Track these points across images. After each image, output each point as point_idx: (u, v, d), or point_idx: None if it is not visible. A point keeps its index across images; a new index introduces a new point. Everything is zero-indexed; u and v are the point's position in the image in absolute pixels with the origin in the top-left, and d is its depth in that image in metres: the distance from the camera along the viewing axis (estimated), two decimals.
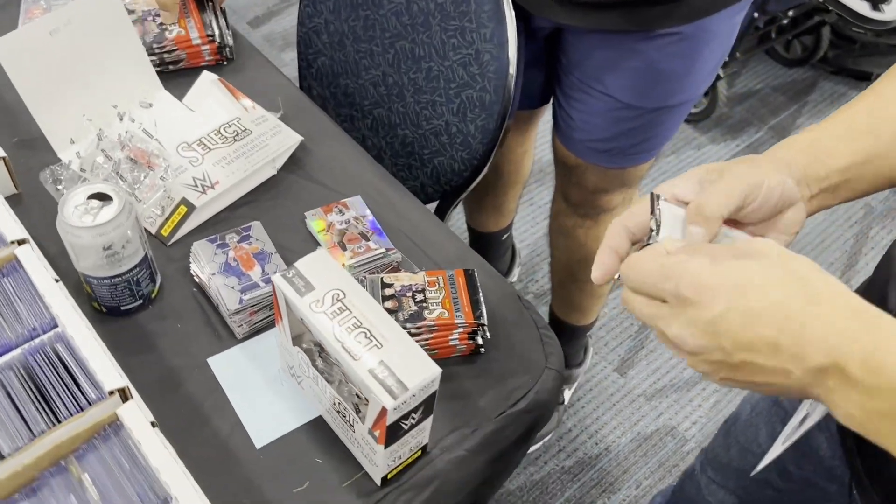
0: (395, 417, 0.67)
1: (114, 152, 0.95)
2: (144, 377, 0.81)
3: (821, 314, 0.47)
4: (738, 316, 0.47)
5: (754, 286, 0.48)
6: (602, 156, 1.24)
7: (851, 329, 0.46)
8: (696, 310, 0.49)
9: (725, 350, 0.48)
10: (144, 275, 0.84)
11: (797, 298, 0.47)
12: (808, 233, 2.13)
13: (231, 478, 0.76)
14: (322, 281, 0.72)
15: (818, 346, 0.46)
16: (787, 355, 0.47)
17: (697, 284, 0.49)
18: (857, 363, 0.45)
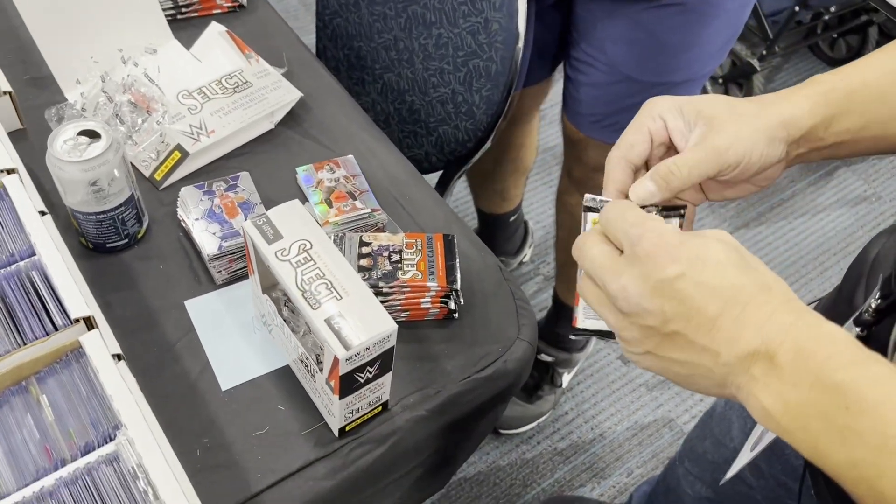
0: (348, 368, 0.67)
1: (116, 95, 0.97)
2: (122, 313, 0.84)
3: (766, 303, 0.46)
4: (690, 284, 0.47)
5: (714, 262, 0.47)
6: (604, 131, 1.24)
7: (790, 322, 0.45)
8: (651, 266, 0.48)
9: (664, 316, 0.47)
10: (130, 214, 0.86)
11: (749, 284, 0.47)
12: (832, 236, 2.08)
13: (194, 416, 0.78)
14: (291, 230, 0.73)
15: (754, 331, 0.45)
16: (722, 337, 0.46)
17: (663, 242, 0.48)
18: (788, 352, 0.44)
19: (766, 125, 0.55)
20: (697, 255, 0.47)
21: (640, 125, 0.57)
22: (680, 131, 0.57)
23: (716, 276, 0.47)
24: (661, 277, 0.47)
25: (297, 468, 0.75)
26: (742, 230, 2.08)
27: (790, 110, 0.57)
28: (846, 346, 0.43)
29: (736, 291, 0.46)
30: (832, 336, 0.44)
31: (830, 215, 2.14)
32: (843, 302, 0.69)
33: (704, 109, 0.56)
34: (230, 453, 0.75)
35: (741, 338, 0.46)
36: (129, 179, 0.84)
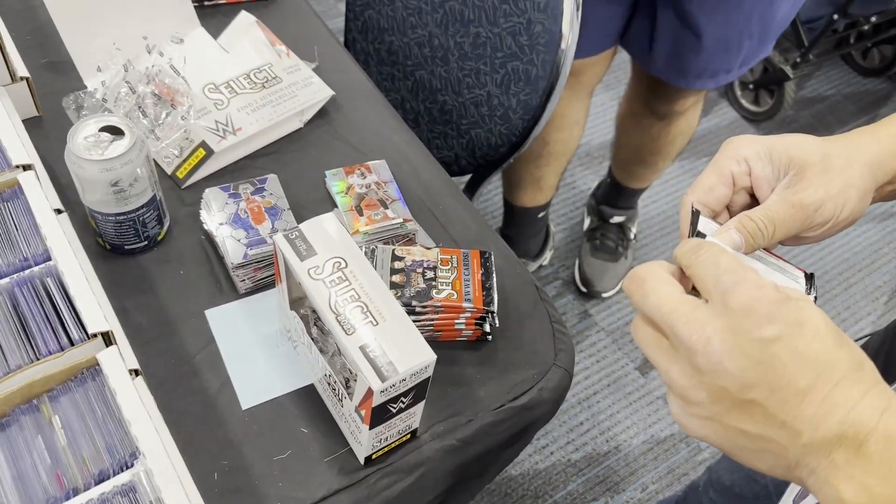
0: (381, 400, 0.63)
1: (139, 85, 0.92)
2: (139, 320, 0.79)
3: (860, 381, 0.41)
4: (785, 351, 0.41)
5: (814, 327, 0.41)
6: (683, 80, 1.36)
7: (882, 406, 0.40)
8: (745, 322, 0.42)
9: (746, 380, 0.42)
10: (152, 216, 0.81)
11: (844, 360, 0.41)
12: (858, 251, 2.03)
13: (213, 435, 0.73)
14: (325, 246, 0.68)
15: (844, 412, 0.40)
16: (807, 414, 0.41)
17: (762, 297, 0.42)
18: (879, 441, 0.39)
19: (861, 182, 0.51)
20: (797, 318, 0.42)
21: (723, 168, 0.53)
22: (766, 179, 0.52)
23: (813, 346, 0.41)
24: (754, 337, 0.41)
25: (319, 498, 0.70)
26: None
27: (876, 151, 0.52)
28: None
29: (831, 366, 0.41)
30: None
31: (857, 230, 2.08)
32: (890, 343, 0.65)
33: (796, 156, 0.51)
34: (249, 477, 0.71)
35: (829, 418, 0.40)
36: (151, 180, 0.79)
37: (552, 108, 1.09)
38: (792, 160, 0.51)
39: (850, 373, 0.41)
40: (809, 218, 0.50)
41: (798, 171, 0.50)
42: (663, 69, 1.37)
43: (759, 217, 0.50)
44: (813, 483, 0.42)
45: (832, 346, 0.41)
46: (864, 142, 0.52)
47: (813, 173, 0.50)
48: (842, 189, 0.50)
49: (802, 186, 0.50)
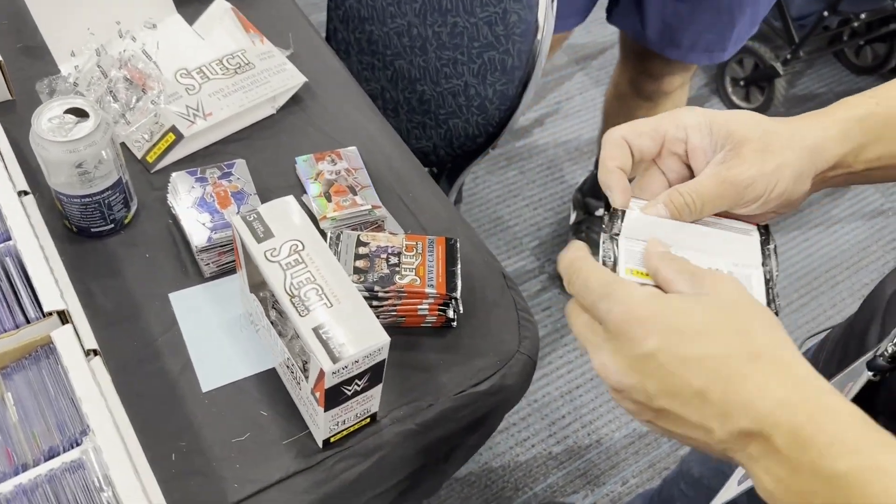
0: (334, 382, 0.63)
1: (111, 70, 0.92)
2: (103, 302, 0.80)
3: (755, 374, 0.41)
4: (667, 358, 0.42)
5: (693, 331, 0.42)
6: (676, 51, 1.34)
7: (784, 397, 0.40)
8: (626, 342, 0.43)
9: (648, 393, 0.43)
10: (118, 199, 0.81)
11: (734, 353, 0.42)
12: (846, 249, 2.03)
13: (172, 417, 0.74)
14: (283, 229, 0.68)
15: (746, 408, 0.40)
16: (712, 412, 0.41)
17: (630, 317, 0.43)
18: (785, 434, 0.39)
19: (797, 162, 0.51)
20: (673, 324, 0.42)
21: (659, 125, 0.52)
22: (703, 150, 0.52)
23: (695, 347, 0.42)
24: (635, 354, 0.43)
25: (276, 480, 0.71)
26: None
27: (820, 136, 0.52)
28: (850, 427, 0.39)
29: (718, 363, 0.41)
30: (834, 412, 0.39)
31: (845, 228, 2.08)
32: (855, 338, 0.65)
33: (735, 131, 0.51)
34: (207, 459, 0.71)
35: (731, 415, 0.41)
36: (117, 162, 0.79)
37: (528, 98, 1.09)
38: (730, 134, 0.50)
39: (742, 367, 0.41)
40: (740, 194, 0.50)
41: (734, 146, 0.50)
42: (656, 40, 1.35)
43: (688, 192, 0.50)
44: (748, 471, 0.43)
45: (716, 345, 0.42)
46: (809, 126, 0.52)
47: (749, 150, 0.50)
48: (775, 168, 0.50)
49: (736, 163, 0.50)
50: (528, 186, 2.05)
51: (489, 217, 1.98)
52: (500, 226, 1.97)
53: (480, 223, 1.96)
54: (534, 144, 2.14)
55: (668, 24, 1.32)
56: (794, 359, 0.42)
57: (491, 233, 1.96)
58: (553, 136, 2.17)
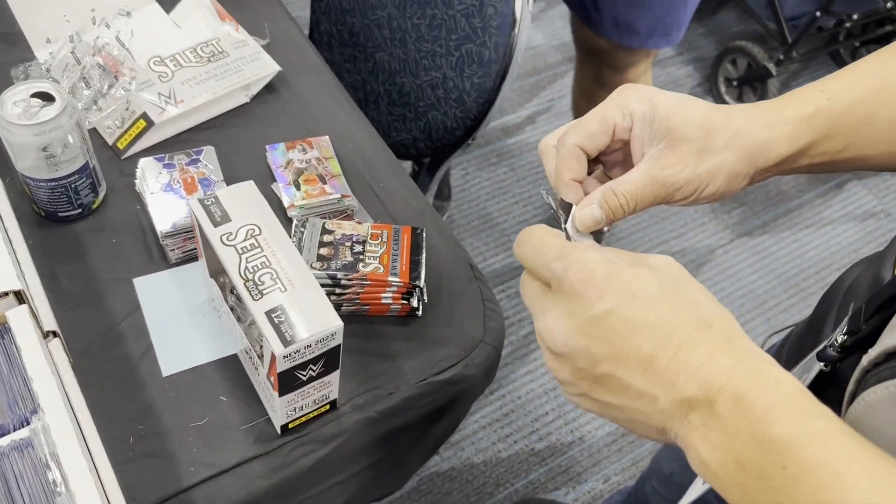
0: (287, 366, 0.63)
1: (85, 57, 0.92)
2: (67, 286, 0.80)
3: (703, 342, 0.41)
4: (619, 321, 0.42)
5: (645, 296, 0.42)
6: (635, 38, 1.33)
7: (730, 365, 0.40)
8: (578, 302, 0.43)
9: (593, 357, 0.42)
10: (85, 184, 0.82)
11: (685, 321, 0.42)
12: (837, 251, 2.02)
13: (131, 401, 0.74)
14: (241, 213, 0.68)
15: (692, 374, 0.40)
16: (658, 378, 0.41)
17: (587, 275, 0.43)
18: (728, 400, 0.39)
19: (734, 163, 0.50)
20: (627, 288, 0.42)
21: (607, 118, 0.52)
22: (642, 140, 0.51)
23: (648, 312, 0.42)
24: (587, 315, 0.42)
25: (233, 464, 0.71)
26: (745, 238, 2.02)
27: (766, 136, 0.51)
28: (790, 396, 0.38)
29: (669, 329, 0.41)
30: (776, 383, 0.39)
31: (837, 229, 2.08)
32: (813, 332, 0.64)
33: (676, 128, 0.50)
34: (165, 443, 0.72)
35: (677, 381, 0.41)
36: (84, 147, 0.80)
37: (506, 91, 1.09)
38: (670, 131, 0.50)
39: (692, 334, 0.41)
40: (670, 195, 0.50)
41: (670, 143, 0.50)
42: (612, 29, 1.33)
43: (622, 192, 0.49)
44: (681, 445, 0.42)
45: (668, 311, 0.42)
46: (757, 123, 0.51)
47: (686, 150, 0.49)
48: (710, 170, 0.50)
49: (670, 162, 0.49)
50: (519, 184, 2.05)
51: (478, 213, 1.98)
52: (489, 222, 1.97)
53: (469, 219, 1.96)
54: (525, 142, 2.14)
55: (622, 12, 1.30)
56: (739, 333, 0.42)
57: (480, 229, 1.95)
58: (545, 133, 2.15)
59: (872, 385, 0.40)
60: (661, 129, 0.50)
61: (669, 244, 1.98)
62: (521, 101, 2.23)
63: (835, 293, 0.64)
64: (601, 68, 1.48)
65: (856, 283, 0.61)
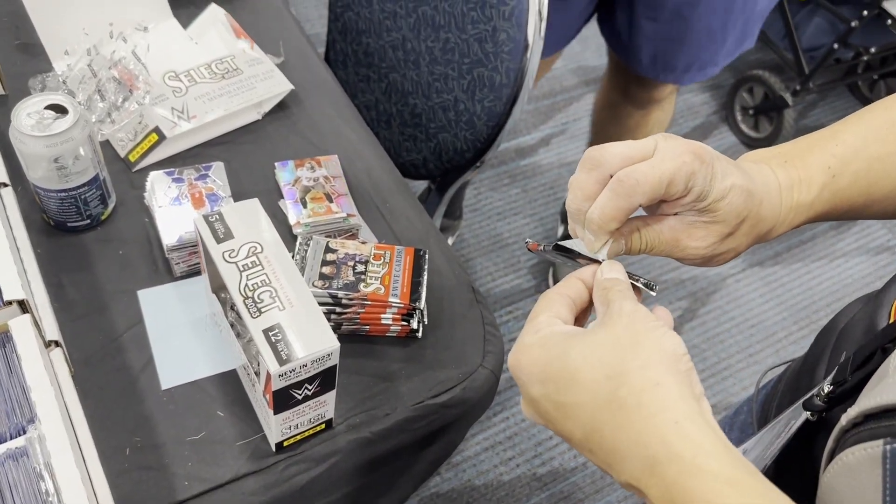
0: (282, 384, 0.64)
1: (101, 70, 0.94)
2: (73, 296, 0.81)
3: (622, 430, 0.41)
4: (550, 406, 0.45)
5: (566, 377, 0.44)
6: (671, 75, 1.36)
7: (652, 455, 0.40)
8: (525, 381, 0.46)
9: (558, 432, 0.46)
10: (94, 195, 0.83)
11: (601, 404, 0.42)
12: (849, 283, 2.01)
13: (130, 412, 0.74)
14: (244, 231, 0.69)
15: (621, 464, 0.42)
16: (598, 459, 0.43)
17: (518, 361, 0.46)
18: (659, 496, 0.40)
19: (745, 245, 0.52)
20: (548, 372, 0.45)
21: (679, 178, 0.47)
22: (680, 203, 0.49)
23: (567, 395, 0.43)
24: (526, 394, 0.46)
25: (227, 480, 0.71)
26: (756, 267, 2.01)
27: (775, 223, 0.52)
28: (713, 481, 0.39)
29: (588, 414, 0.43)
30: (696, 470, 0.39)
31: (850, 262, 2.06)
32: (807, 372, 0.64)
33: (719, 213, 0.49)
34: (160, 456, 0.72)
35: (613, 467, 0.43)
36: (94, 159, 0.81)
37: (517, 115, 1.10)
38: (716, 213, 0.49)
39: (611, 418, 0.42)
40: (681, 259, 0.52)
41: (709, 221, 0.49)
42: (650, 66, 1.36)
43: (647, 240, 0.51)
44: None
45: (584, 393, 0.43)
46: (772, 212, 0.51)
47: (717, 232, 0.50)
48: (726, 251, 0.51)
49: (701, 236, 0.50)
50: (530, 205, 2.05)
51: (489, 234, 1.98)
52: (500, 243, 1.97)
53: (479, 239, 1.97)
54: (538, 164, 2.15)
55: (661, 51, 1.32)
56: (662, 402, 0.41)
57: (489, 249, 1.96)
58: (558, 156, 2.17)
59: (851, 445, 0.39)
60: (706, 206, 0.49)
61: (680, 271, 1.97)
62: (536, 122, 2.24)
63: (829, 333, 0.63)
64: (630, 85, 1.50)
65: (850, 325, 0.60)
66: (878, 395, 0.39)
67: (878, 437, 0.38)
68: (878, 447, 0.38)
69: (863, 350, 0.47)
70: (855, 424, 0.40)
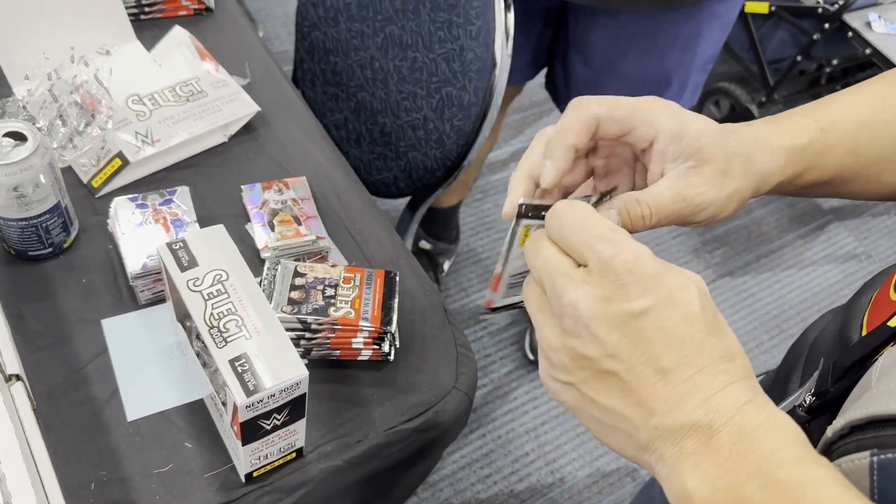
0: (250, 415, 0.62)
1: (63, 95, 0.92)
2: (34, 326, 0.79)
3: (725, 372, 0.40)
4: (652, 325, 0.40)
5: (686, 310, 0.40)
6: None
7: (743, 401, 0.39)
8: (617, 290, 0.40)
9: (608, 350, 0.40)
10: (56, 223, 0.81)
11: (713, 347, 0.40)
12: (818, 292, 2.03)
13: (94, 445, 0.73)
14: (209, 258, 0.68)
15: (704, 399, 0.39)
16: (664, 395, 0.40)
17: (636, 267, 0.40)
18: (733, 433, 0.38)
19: (746, 185, 0.50)
20: (670, 295, 0.40)
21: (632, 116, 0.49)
22: (663, 155, 0.49)
23: (682, 327, 0.40)
24: (623, 308, 0.40)
25: None
26: (726, 278, 2.03)
27: (769, 165, 0.51)
28: (795, 442, 0.38)
29: (697, 350, 0.40)
30: (784, 427, 0.39)
31: (818, 270, 2.09)
32: (779, 384, 0.64)
33: (704, 149, 0.48)
34: (126, 490, 0.70)
35: (685, 403, 0.39)
36: (55, 187, 0.79)
37: (485, 134, 1.10)
38: (699, 150, 0.48)
39: (716, 362, 0.40)
40: (693, 214, 0.49)
41: (698, 164, 0.48)
42: None
43: (647, 203, 0.48)
44: (660, 470, 0.41)
45: (702, 332, 0.40)
46: (761, 153, 0.51)
47: (712, 171, 0.48)
48: (730, 194, 0.49)
49: (698, 181, 0.48)
50: (503, 220, 2.05)
51: (462, 249, 1.98)
52: (473, 258, 1.97)
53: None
54: (509, 178, 2.15)
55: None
56: (753, 375, 0.41)
57: (463, 265, 1.95)
58: None
59: (837, 457, 0.40)
60: (690, 147, 0.48)
61: None
62: (506, 137, 2.25)
63: (801, 346, 0.64)
64: None
65: (821, 337, 0.61)
66: (863, 407, 0.39)
67: (865, 448, 0.38)
68: (865, 458, 0.38)
69: (843, 361, 0.47)
70: (841, 436, 0.40)
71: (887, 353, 0.44)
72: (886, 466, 0.37)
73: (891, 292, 0.51)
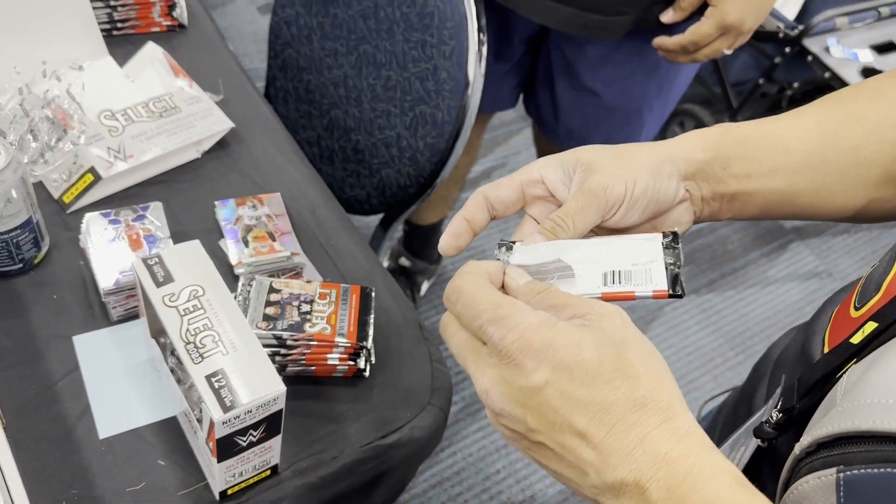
0: (226, 432, 0.62)
1: (34, 109, 0.91)
2: (4, 343, 0.78)
3: (638, 424, 0.40)
4: (554, 395, 0.41)
5: (582, 370, 0.41)
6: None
7: (663, 452, 0.40)
8: (513, 371, 0.42)
9: (528, 425, 0.42)
10: (27, 238, 0.80)
11: (620, 400, 0.41)
12: (781, 310, 2.07)
13: (66, 464, 0.71)
14: (184, 274, 0.67)
15: (623, 457, 0.40)
16: (590, 456, 0.41)
17: (523, 345, 0.42)
18: (661, 489, 0.39)
19: (649, 161, 0.52)
20: (562, 361, 0.41)
21: (515, 175, 0.55)
22: (561, 182, 0.54)
23: (582, 390, 0.41)
24: (522, 385, 0.42)
25: None
26: (692, 296, 2.06)
27: (677, 146, 0.53)
28: (727, 487, 0.39)
29: (603, 408, 0.41)
30: (712, 472, 0.39)
31: (781, 288, 2.13)
32: (745, 402, 0.65)
33: (583, 156, 0.53)
34: None
35: (608, 463, 0.40)
36: (27, 201, 0.78)
37: (459, 152, 1.11)
38: (579, 160, 0.52)
39: (625, 415, 0.40)
40: (602, 199, 0.51)
41: (586, 166, 0.52)
42: (566, 139, 1.37)
43: (557, 214, 0.51)
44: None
45: (603, 389, 0.41)
46: (661, 142, 0.54)
47: (600, 164, 0.52)
48: (630, 168, 0.51)
49: (591, 176, 0.52)
50: (483, 241, 2.06)
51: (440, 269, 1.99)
52: (444, 276, 1.98)
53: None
54: None
55: (577, 125, 1.34)
56: (678, 410, 0.41)
57: (434, 282, 1.96)
58: None
59: (805, 474, 0.40)
60: (571, 163, 0.53)
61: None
62: (490, 155, 2.27)
63: (765, 363, 0.65)
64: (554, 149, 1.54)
65: (783, 354, 0.62)
66: (829, 424, 0.40)
67: (831, 465, 0.39)
68: (831, 475, 0.39)
69: (807, 378, 0.49)
70: (808, 453, 0.41)
71: (852, 369, 0.45)
72: (852, 483, 0.38)
73: (851, 310, 0.52)
